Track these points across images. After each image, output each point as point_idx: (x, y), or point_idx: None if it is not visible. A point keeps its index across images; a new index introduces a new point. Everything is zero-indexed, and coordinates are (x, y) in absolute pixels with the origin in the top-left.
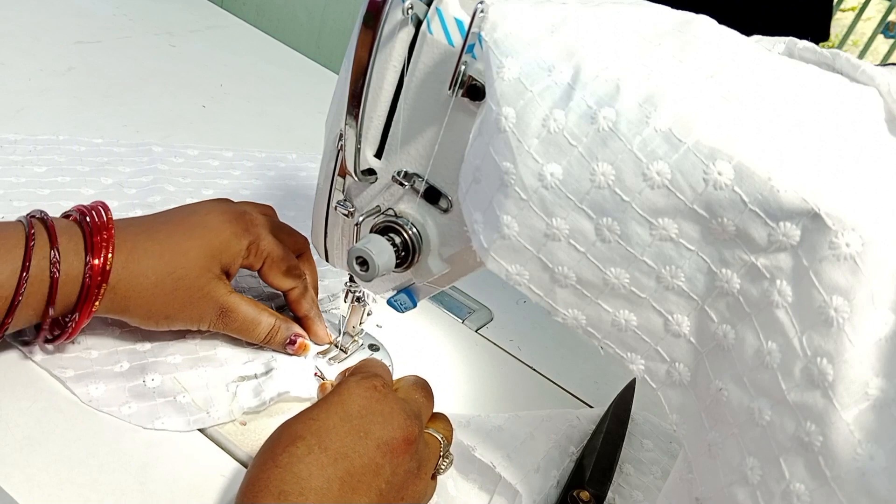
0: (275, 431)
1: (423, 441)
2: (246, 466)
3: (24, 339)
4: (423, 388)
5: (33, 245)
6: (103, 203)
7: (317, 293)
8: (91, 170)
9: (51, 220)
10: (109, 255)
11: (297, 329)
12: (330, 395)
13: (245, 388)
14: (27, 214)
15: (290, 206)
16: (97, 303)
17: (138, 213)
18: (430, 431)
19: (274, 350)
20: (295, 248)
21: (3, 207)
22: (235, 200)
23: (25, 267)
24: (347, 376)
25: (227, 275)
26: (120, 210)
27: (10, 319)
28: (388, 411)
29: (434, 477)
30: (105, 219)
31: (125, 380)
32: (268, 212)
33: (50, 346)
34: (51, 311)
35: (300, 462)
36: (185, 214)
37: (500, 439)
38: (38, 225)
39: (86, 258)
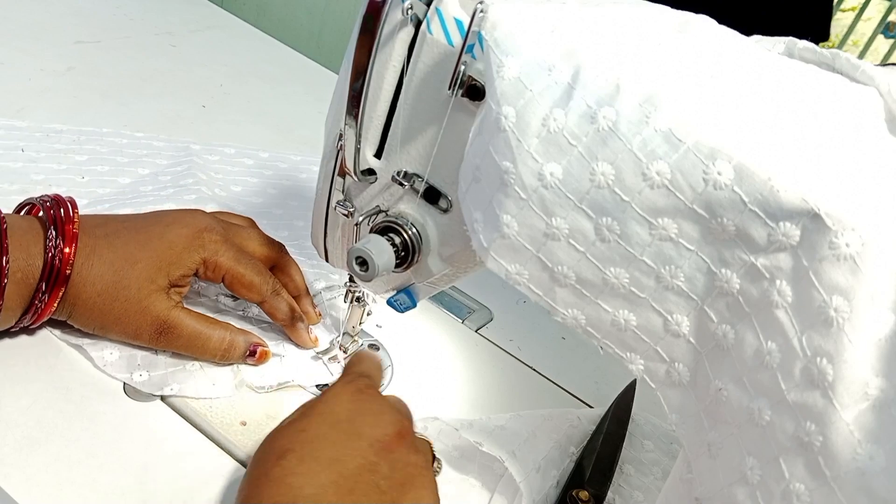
0: (263, 443)
1: (418, 439)
2: (245, 467)
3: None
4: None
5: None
6: (71, 198)
7: (307, 293)
8: (129, 161)
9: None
10: (74, 246)
11: (255, 339)
12: (316, 404)
13: (249, 367)
14: None
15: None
16: (65, 285)
17: (170, 192)
18: (416, 434)
19: (282, 336)
20: (268, 259)
21: (42, 191)
22: (260, 199)
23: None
24: (335, 381)
25: (178, 291)
26: (151, 193)
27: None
28: (377, 410)
29: None
30: (71, 213)
31: (139, 348)
32: (242, 222)
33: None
34: (43, 286)
35: (292, 474)
36: (150, 223)
37: (502, 437)
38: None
39: (56, 235)
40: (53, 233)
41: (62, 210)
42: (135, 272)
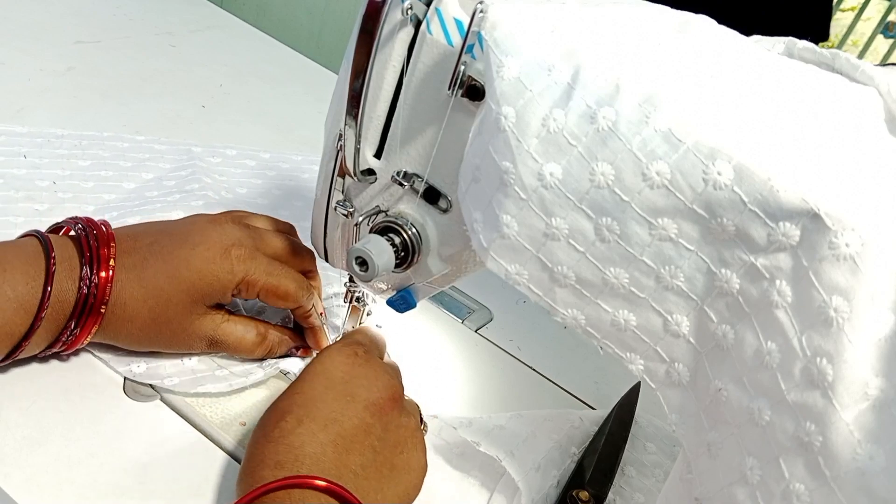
0: (265, 412)
1: (408, 401)
2: None
3: None
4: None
5: (55, 264)
6: (105, 221)
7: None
8: (133, 165)
9: (49, 237)
10: (111, 271)
11: (293, 345)
12: (313, 367)
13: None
14: (28, 233)
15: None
16: (97, 324)
17: (176, 197)
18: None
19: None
20: (300, 267)
21: (48, 198)
22: (266, 200)
23: (49, 282)
24: (329, 345)
25: (220, 307)
26: (158, 199)
27: (33, 334)
28: (372, 374)
29: None
30: (106, 236)
31: (165, 359)
32: (283, 228)
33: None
34: (72, 325)
35: (291, 433)
36: (175, 244)
37: (501, 437)
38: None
39: (92, 272)
40: (88, 271)
41: (96, 241)
42: (172, 307)
